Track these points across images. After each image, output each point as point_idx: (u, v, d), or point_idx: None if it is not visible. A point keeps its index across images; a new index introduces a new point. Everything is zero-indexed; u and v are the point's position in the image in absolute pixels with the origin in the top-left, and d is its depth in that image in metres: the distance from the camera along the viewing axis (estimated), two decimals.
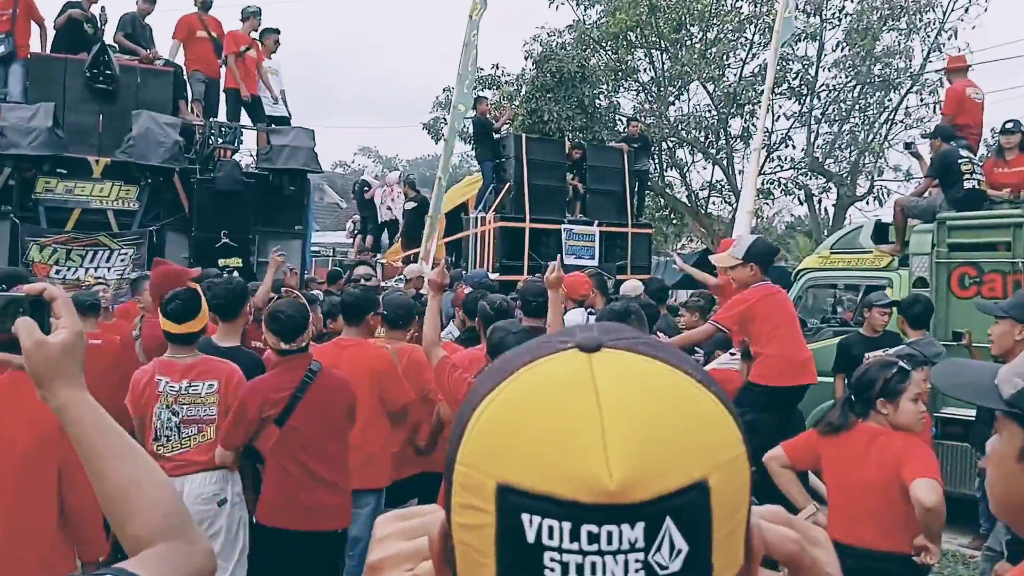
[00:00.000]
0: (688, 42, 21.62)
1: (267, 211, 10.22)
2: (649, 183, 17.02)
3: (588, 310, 6.06)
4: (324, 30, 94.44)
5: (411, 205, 13.80)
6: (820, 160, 22.32)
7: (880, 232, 8.51)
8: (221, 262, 9.30)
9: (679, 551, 0.53)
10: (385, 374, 4.63)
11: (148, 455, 1.26)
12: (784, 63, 20.27)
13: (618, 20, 20.69)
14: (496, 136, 12.97)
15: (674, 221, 24.62)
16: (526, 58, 20.64)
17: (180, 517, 1.22)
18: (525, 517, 0.53)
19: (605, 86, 21.70)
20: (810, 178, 22.87)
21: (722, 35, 21.37)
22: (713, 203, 23.98)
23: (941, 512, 3.03)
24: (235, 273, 9.11)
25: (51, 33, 10.33)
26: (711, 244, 20.55)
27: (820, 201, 23.71)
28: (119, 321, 6.56)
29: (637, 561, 0.53)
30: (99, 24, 10.19)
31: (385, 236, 15.29)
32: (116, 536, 1.22)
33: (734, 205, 20.41)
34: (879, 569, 3.16)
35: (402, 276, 9.94)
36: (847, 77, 21.50)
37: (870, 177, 22.61)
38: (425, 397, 4.81)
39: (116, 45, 10.31)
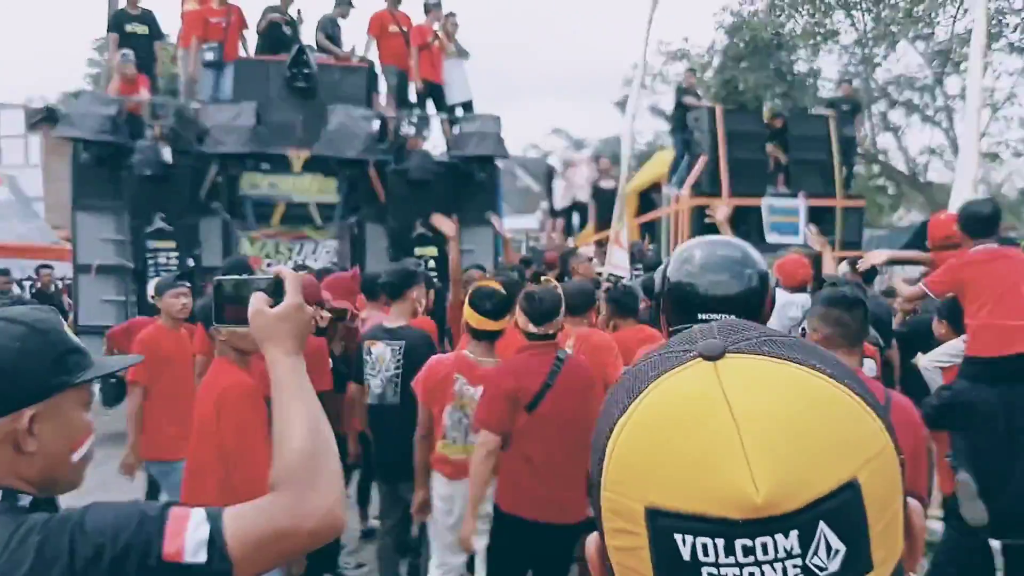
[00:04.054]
0: (891, 0, 20.01)
1: (459, 199, 10.28)
2: (860, 150, 15.84)
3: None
4: (514, 14, 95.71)
5: (609, 184, 13.42)
6: None
7: None
8: (417, 251, 9.43)
9: (836, 551, 0.53)
10: None
11: (319, 413, 1.35)
12: (999, 16, 18.39)
13: None
14: (688, 110, 12.47)
15: (889, 191, 22.89)
16: (717, 28, 19.83)
17: (312, 464, 1.27)
18: (678, 537, 0.54)
19: (803, 51, 20.48)
20: None
21: None
22: (933, 169, 22.14)
23: None
24: (430, 263, 9.26)
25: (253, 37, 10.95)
26: (930, 215, 18.95)
27: None
28: None
29: (795, 566, 0.53)
30: (296, 25, 10.63)
31: (576, 218, 15.11)
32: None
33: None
34: None
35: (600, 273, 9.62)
36: None
37: None
38: (606, 384, 4.55)
39: (315, 45, 10.73)
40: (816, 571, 0.53)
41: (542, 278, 5.87)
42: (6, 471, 1.27)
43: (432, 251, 9.65)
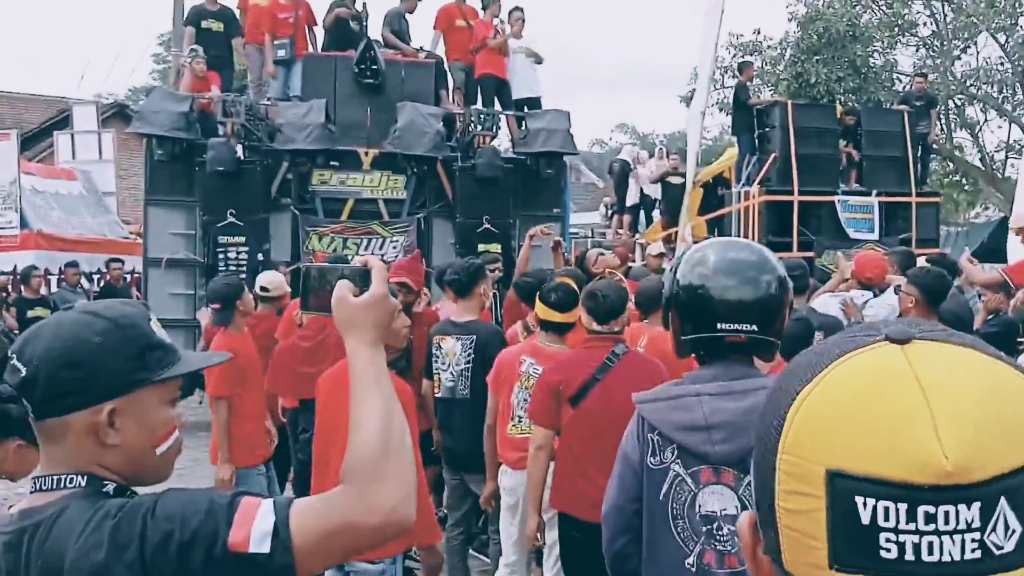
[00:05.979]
0: None
1: (526, 195, 10.24)
2: (935, 146, 15.34)
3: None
4: (579, 5, 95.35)
5: (678, 180, 13.19)
6: None
7: None
8: (481, 247, 9.39)
9: (1013, 531, 0.54)
10: None
11: (394, 407, 1.30)
12: None
13: None
14: (755, 106, 12.22)
15: (966, 187, 22.18)
16: (790, 20, 19.39)
17: (381, 459, 1.23)
18: (859, 500, 0.55)
19: (879, 44, 19.91)
20: None
21: None
22: (1011, 165, 21.35)
23: None
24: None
25: (320, 33, 11.01)
26: (1009, 212, 18.25)
27: None
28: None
29: (974, 541, 0.54)
30: (363, 20, 10.64)
31: (642, 215, 14.94)
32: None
33: None
34: None
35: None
36: None
37: None
38: None
39: (381, 40, 10.73)
40: (992, 549, 0.54)
41: (606, 271, 5.82)
42: (90, 460, 1.29)
43: (496, 247, 9.59)
